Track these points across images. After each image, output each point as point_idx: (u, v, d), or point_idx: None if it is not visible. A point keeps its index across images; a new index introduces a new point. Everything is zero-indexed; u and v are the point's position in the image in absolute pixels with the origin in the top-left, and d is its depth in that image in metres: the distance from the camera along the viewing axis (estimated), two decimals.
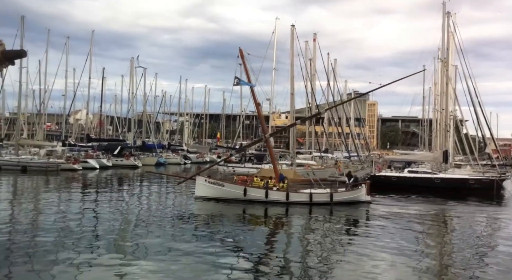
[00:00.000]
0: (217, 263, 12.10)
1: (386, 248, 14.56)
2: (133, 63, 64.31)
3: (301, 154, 50.37)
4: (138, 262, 12.13)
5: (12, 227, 16.87)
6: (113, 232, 16.18)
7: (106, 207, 22.46)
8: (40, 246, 13.65)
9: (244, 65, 29.13)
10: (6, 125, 71.34)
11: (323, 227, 19.19)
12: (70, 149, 51.01)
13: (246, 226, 19.25)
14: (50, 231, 15.86)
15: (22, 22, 45.29)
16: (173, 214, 20.87)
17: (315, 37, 48.25)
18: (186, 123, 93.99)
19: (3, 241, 14.32)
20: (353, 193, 25.78)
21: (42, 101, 54.77)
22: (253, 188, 25.06)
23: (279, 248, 15.08)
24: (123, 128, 76.53)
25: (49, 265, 11.52)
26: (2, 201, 24.67)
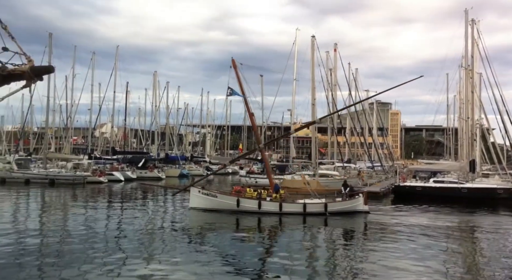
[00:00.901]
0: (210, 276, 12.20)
1: (381, 260, 14.40)
2: (156, 77, 65.68)
3: (324, 164, 50.18)
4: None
5: (41, 238, 17.56)
6: (132, 241, 16.60)
7: (128, 218, 23.08)
8: (67, 254, 14.26)
9: (236, 75, 28.93)
10: (35, 140, 73.34)
11: (316, 238, 19.34)
12: (96, 161, 52.14)
13: (238, 238, 18.82)
14: (76, 241, 16.45)
15: (50, 39, 46.82)
16: (168, 225, 21.22)
17: (336, 47, 48.40)
18: (208, 135, 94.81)
19: (34, 250, 14.99)
20: (349, 203, 25.42)
21: (69, 115, 56.47)
22: (245, 199, 24.87)
23: (271, 261, 14.81)
24: (146, 141, 77.75)
25: (73, 272, 12.05)
26: (32, 212, 25.55)
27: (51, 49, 46.53)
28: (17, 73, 6.30)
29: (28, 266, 13.03)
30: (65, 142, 58.63)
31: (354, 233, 20.97)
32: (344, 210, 24.59)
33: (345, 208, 24.93)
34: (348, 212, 24.47)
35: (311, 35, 41.33)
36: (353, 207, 25.06)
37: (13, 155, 53.25)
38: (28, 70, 6.31)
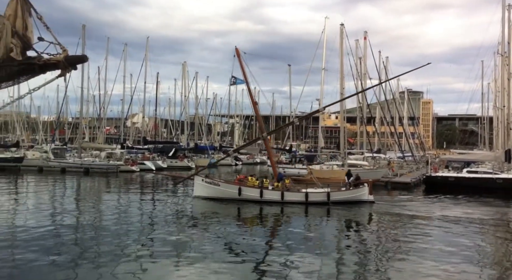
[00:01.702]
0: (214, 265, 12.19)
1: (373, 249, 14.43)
2: (185, 67, 66.31)
3: (353, 154, 49.65)
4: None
5: (77, 225, 18.32)
6: (157, 229, 17.03)
7: (159, 206, 23.79)
8: (101, 241, 14.81)
9: (240, 64, 28.70)
10: (70, 129, 75.89)
11: (318, 228, 19.29)
12: (128, 151, 53.44)
13: (240, 226, 18.91)
14: (108, 228, 17.12)
15: (83, 30, 47.92)
16: (172, 213, 21.66)
17: (366, 35, 47.41)
18: (237, 125, 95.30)
19: (70, 238, 15.68)
20: (353, 192, 25.11)
21: (102, 106, 58.02)
22: (247, 188, 24.83)
23: (271, 250, 14.82)
24: (176, 131, 78.95)
25: (102, 257, 12.47)
26: (68, 200, 26.56)
27: (84, 40, 47.66)
28: (52, 62, 6.53)
29: (63, 249, 13.81)
30: (99, 131, 60.32)
31: (359, 222, 20.92)
32: (347, 200, 24.29)
33: (348, 197, 24.69)
34: (352, 201, 24.17)
35: (340, 23, 40.64)
36: (357, 196, 24.81)
37: (49, 145, 55.30)
38: (62, 60, 6.50)
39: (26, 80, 6.99)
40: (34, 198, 26.75)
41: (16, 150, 53.18)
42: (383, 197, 28.41)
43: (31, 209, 21.93)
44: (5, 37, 6.33)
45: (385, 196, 29.35)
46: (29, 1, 6.55)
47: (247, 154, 71.93)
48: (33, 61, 6.54)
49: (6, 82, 6.87)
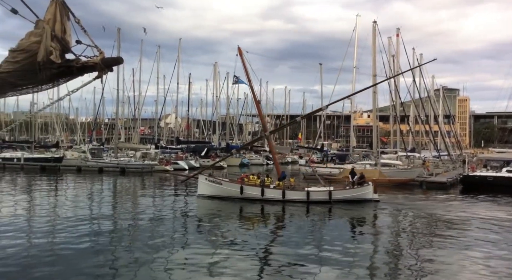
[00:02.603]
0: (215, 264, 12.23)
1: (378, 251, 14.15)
2: (216, 67, 67.06)
3: (386, 153, 48.75)
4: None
5: (115, 222, 18.96)
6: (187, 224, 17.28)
7: (191, 204, 24.25)
8: (137, 237, 15.23)
9: (243, 63, 28.71)
10: (106, 130, 78.17)
11: (320, 227, 19.01)
12: (162, 151, 54.53)
13: (242, 225, 18.92)
14: (142, 226, 17.55)
15: (118, 33, 49.22)
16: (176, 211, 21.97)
17: (399, 32, 46.48)
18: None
19: (106, 235, 16.22)
20: (356, 191, 24.74)
21: (136, 107, 59.46)
22: (249, 186, 24.80)
23: (271, 248, 14.78)
24: (208, 131, 79.89)
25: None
26: (106, 199, 27.40)
27: (119, 43, 48.95)
28: (89, 64, 6.81)
29: (101, 244, 14.40)
30: (134, 132, 61.86)
31: (361, 221, 20.81)
32: (350, 198, 24.00)
33: (351, 196, 24.29)
34: (356, 200, 23.85)
35: (373, 20, 40.06)
36: (361, 195, 24.47)
37: (87, 145, 57.21)
38: (99, 62, 6.76)
39: (65, 82, 7.29)
40: (73, 196, 27.78)
41: (56, 150, 55.33)
42: (416, 196, 27.84)
43: (70, 206, 22.86)
44: (45, 41, 6.62)
45: (419, 195, 28.76)
46: (67, 6, 6.82)
47: (279, 153, 71.78)
48: (72, 64, 6.83)
49: (46, 85, 7.21)
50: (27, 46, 6.61)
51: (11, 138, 67.81)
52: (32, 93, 7.51)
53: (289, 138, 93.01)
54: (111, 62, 6.62)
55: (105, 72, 6.81)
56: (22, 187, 32.86)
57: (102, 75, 6.91)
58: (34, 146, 55.24)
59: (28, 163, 47.40)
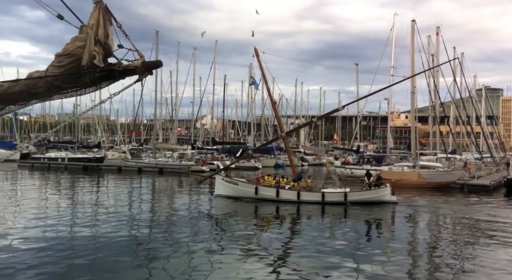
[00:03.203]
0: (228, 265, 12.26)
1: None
2: (251, 69, 67.39)
3: (425, 155, 47.45)
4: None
5: (152, 221, 19.49)
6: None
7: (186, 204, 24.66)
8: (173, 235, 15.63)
9: (259, 64, 28.91)
10: (145, 131, 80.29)
11: (333, 227, 18.78)
12: (198, 151, 55.42)
13: (257, 226, 18.91)
14: (178, 224, 17.96)
15: (156, 36, 50.50)
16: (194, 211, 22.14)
17: (439, 30, 45.14)
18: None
19: (145, 233, 16.69)
20: (373, 193, 24.32)
21: (173, 108, 60.73)
22: (264, 187, 24.96)
23: (288, 249, 14.71)
24: (243, 132, 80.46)
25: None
26: (143, 198, 28.18)
27: (157, 46, 50.21)
28: (130, 68, 7.09)
29: (140, 239, 14.91)
30: (171, 133, 63.19)
31: (378, 222, 20.34)
32: (367, 200, 23.75)
33: (368, 198, 24.04)
34: (372, 202, 23.53)
35: (411, 19, 39.18)
36: (378, 197, 24.05)
37: (127, 145, 58.94)
38: (140, 66, 7.03)
39: (107, 85, 7.59)
40: (113, 195, 28.79)
41: (97, 151, 57.39)
42: (456, 200, 26.97)
43: (110, 204, 23.80)
44: (89, 45, 6.95)
45: (460, 199, 27.86)
46: (110, 11, 7.12)
47: (314, 155, 71.43)
48: (114, 68, 7.13)
49: (90, 88, 7.56)
50: (72, 51, 6.96)
51: (55, 138, 70.84)
52: (76, 96, 7.90)
53: (324, 139, 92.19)
54: (151, 65, 6.86)
55: (145, 76, 7.06)
56: (66, 185, 34.31)
57: (142, 79, 7.16)
58: (77, 146, 57.54)
59: (72, 162, 49.42)
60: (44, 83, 7.16)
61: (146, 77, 7.35)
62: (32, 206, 22.09)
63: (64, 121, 71.40)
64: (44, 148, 59.66)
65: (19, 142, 72.85)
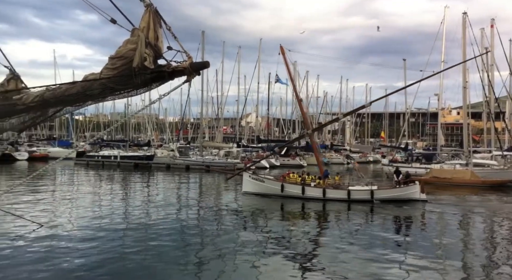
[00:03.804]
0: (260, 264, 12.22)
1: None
2: (295, 66, 67.20)
3: (479, 153, 45.34)
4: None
5: (199, 217, 20.03)
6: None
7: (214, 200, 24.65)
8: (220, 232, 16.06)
9: (285, 62, 29.26)
10: (192, 129, 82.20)
11: (360, 224, 18.45)
12: (244, 149, 56.02)
13: (284, 223, 18.83)
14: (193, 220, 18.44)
15: (202, 36, 51.46)
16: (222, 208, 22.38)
17: (493, 22, 42.97)
18: (348, 123, 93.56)
19: (192, 231, 17.17)
20: (400, 191, 24.02)
21: (219, 106, 61.73)
22: (290, 184, 25.06)
23: (318, 247, 14.66)
24: (288, 130, 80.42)
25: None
26: (192, 195, 28.94)
27: (203, 46, 51.17)
28: (179, 69, 7.38)
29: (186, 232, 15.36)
30: (217, 131, 64.28)
31: (409, 221, 19.95)
32: (394, 198, 23.40)
33: (395, 195, 23.67)
34: (400, 200, 23.17)
35: (462, 11, 37.56)
36: (406, 195, 23.65)
37: (175, 144, 60.60)
38: (188, 67, 7.29)
39: (157, 86, 7.92)
40: (162, 191, 29.80)
41: (147, 149, 59.49)
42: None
43: (159, 200, 24.65)
44: (140, 48, 7.29)
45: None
46: (160, 14, 7.43)
47: (360, 153, 70.18)
48: (163, 69, 7.45)
49: (141, 89, 7.91)
50: (124, 53, 7.34)
51: (108, 137, 74.10)
52: (128, 97, 8.27)
53: (371, 137, 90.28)
54: (198, 66, 7.10)
55: (193, 76, 7.30)
56: (118, 182, 35.87)
57: (190, 79, 7.41)
58: (129, 144, 59.90)
59: (124, 160, 51.53)
60: (99, 85, 7.59)
61: (194, 77, 7.60)
62: (87, 201, 23.39)
63: (117, 121, 74.51)
64: (98, 146, 62.61)
65: (75, 140, 76.84)
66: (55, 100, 8.04)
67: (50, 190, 28.17)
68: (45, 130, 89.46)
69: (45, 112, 8.56)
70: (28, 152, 59.10)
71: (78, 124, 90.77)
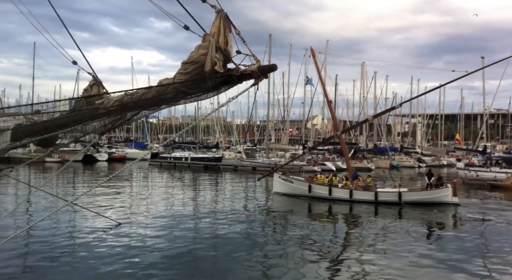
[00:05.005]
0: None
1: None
2: (363, 67, 65.73)
3: None
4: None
5: (267, 217, 20.27)
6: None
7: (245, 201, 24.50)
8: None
9: (315, 64, 30.26)
10: (258, 132, 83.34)
11: (388, 227, 18.03)
12: (310, 152, 55.76)
13: (312, 223, 18.95)
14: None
15: (269, 39, 52.00)
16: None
17: None
18: (419, 125, 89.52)
19: (254, 231, 17.45)
20: (430, 193, 23.47)
21: (285, 109, 61.97)
22: (317, 185, 25.35)
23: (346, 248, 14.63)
24: (355, 132, 78.74)
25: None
26: (259, 196, 29.35)
27: (270, 49, 51.68)
28: (247, 73, 7.63)
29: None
30: (283, 133, 64.56)
31: (439, 224, 19.12)
32: (424, 201, 22.93)
33: (425, 198, 23.23)
34: (431, 203, 22.65)
35: None
36: (437, 198, 23.11)
37: (242, 146, 61.78)
38: (256, 70, 7.53)
39: (226, 90, 8.23)
40: (230, 192, 30.59)
41: (216, 151, 61.25)
42: None
43: (227, 200, 25.48)
44: (211, 53, 7.65)
45: None
46: (230, 19, 7.73)
47: (432, 156, 66.82)
48: (232, 73, 7.75)
49: (211, 92, 8.26)
50: (196, 58, 7.74)
51: (179, 139, 77.28)
52: (198, 101, 8.65)
53: (444, 139, 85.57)
54: (266, 69, 7.30)
55: (260, 80, 7.52)
56: (189, 183, 37.34)
57: (258, 83, 7.63)
58: (198, 146, 62.09)
59: (194, 162, 53.50)
60: (172, 89, 8.06)
61: (262, 81, 7.81)
62: (161, 201, 24.66)
63: (188, 124, 77.46)
64: (170, 148, 65.56)
65: (150, 142, 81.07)
66: (133, 104, 8.64)
67: (128, 189, 30.10)
68: (122, 132, 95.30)
69: (124, 115, 9.22)
70: (108, 153, 63.36)
71: (152, 127, 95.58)
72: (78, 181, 35.82)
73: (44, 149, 14.60)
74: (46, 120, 9.43)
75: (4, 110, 10.44)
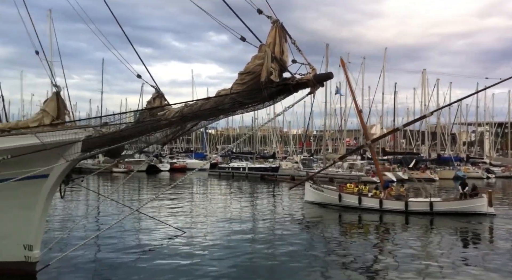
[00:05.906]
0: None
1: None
2: (424, 75, 63.29)
3: None
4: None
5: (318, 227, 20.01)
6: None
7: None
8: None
9: (345, 74, 30.51)
10: (315, 142, 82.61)
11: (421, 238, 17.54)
12: (368, 162, 54.33)
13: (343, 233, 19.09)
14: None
15: (326, 49, 51.55)
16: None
17: None
18: (487, 134, 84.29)
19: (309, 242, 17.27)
20: (464, 204, 22.78)
21: (342, 118, 61.02)
22: (347, 194, 25.32)
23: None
24: (416, 141, 75.71)
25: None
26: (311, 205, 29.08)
27: (327, 58, 51.22)
28: (303, 81, 7.68)
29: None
30: (340, 143, 63.49)
31: (476, 236, 18.62)
32: (457, 211, 22.28)
33: (458, 208, 22.52)
34: (464, 213, 21.96)
35: None
36: (471, 208, 22.37)
37: (299, 156, 61.55)
38: (312, 79, 7.55)
39: (282, 99, 8.29)
40: (288, 201, 30.59)
41: (273, 161, 61.51)
42: None
43: (285, 209, 25.73)
44: (267, 63, 7.78)
45: None
46: (285, 29, 7.84)
47: (502, 166, 62.51)
48: (288, 82, 7.82)
49: (267, 102, 8.36)
50: (252, 69, 7.91)
51: (237, 149, 78.47)
52: (255, 110, 8.81)
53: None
54: (322, 78, 7.30)
55: (316, 88, 7.53)
56: (247, 192, 37.72)
57: (314, 91, 7.65)
58: (255, 156, 62.71)
59: (251, 171, 54.04)
60: (230, 99, 8.28)
61: (317, 89, 7.80)
62: (221, 210, 25.11)
63: (245, 134, 78.60)
64: (228, 158, 66.76)
65: (209, 152, 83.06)
66: (192, 115, 8.98)
67: (188, 198, 31.01)
68: (183, 143, 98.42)
69: (184, 126, 9.59)
70: (169, 163, 65.70)
71: (211, 138, 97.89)
72: (142, 190, 37.50)
73: (111, 159, 15.53)
74: (113, 131, 10.04)
75: (75, 123, 11.21)
